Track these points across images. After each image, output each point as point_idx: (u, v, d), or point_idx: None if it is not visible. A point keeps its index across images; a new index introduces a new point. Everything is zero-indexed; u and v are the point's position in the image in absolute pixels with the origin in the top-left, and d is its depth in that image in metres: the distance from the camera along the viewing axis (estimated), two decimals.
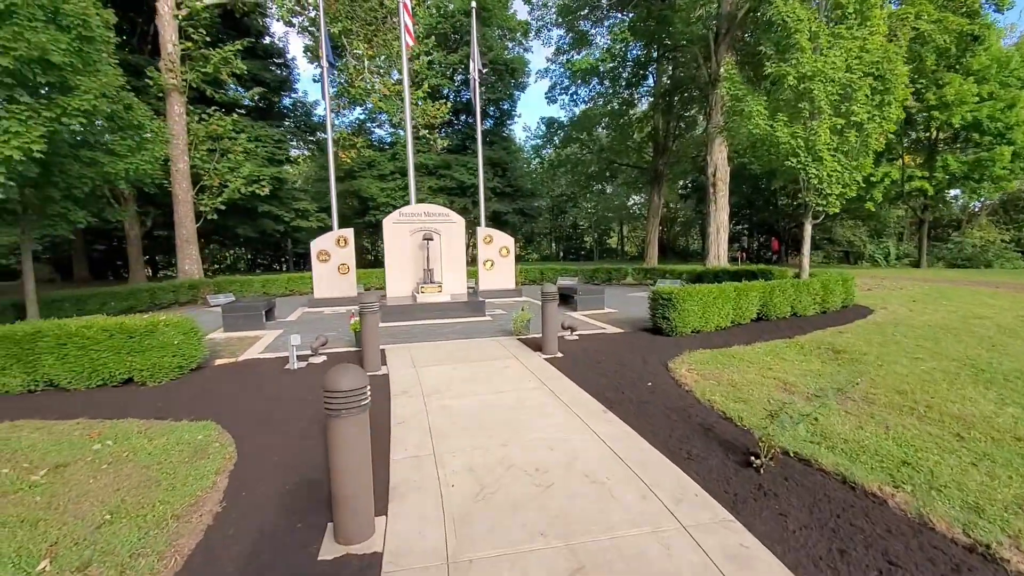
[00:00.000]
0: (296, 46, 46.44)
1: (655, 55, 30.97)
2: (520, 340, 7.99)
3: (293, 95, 30.78)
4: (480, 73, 15.40)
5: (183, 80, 16.80)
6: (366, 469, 2.70)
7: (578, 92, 35.33)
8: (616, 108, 34.60)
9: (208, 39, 17.72)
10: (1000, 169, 23.12)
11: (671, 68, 31.54)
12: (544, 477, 3.39)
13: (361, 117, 33.61)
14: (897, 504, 3.15)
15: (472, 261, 17.27)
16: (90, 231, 24.79)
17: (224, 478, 3.59)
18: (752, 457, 3.62)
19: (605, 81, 33.25)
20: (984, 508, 3.03)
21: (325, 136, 14.70)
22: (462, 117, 33.95)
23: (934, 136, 26.11)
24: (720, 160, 22.00)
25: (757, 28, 20.83)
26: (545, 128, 40.37)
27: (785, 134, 10.76)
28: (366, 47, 19.19)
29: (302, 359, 6.79)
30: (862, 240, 34.08)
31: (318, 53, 14.81)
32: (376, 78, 19.94)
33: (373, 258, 34.99)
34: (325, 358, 7.02)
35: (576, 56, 32.65)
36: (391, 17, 18.82)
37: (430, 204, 14.64)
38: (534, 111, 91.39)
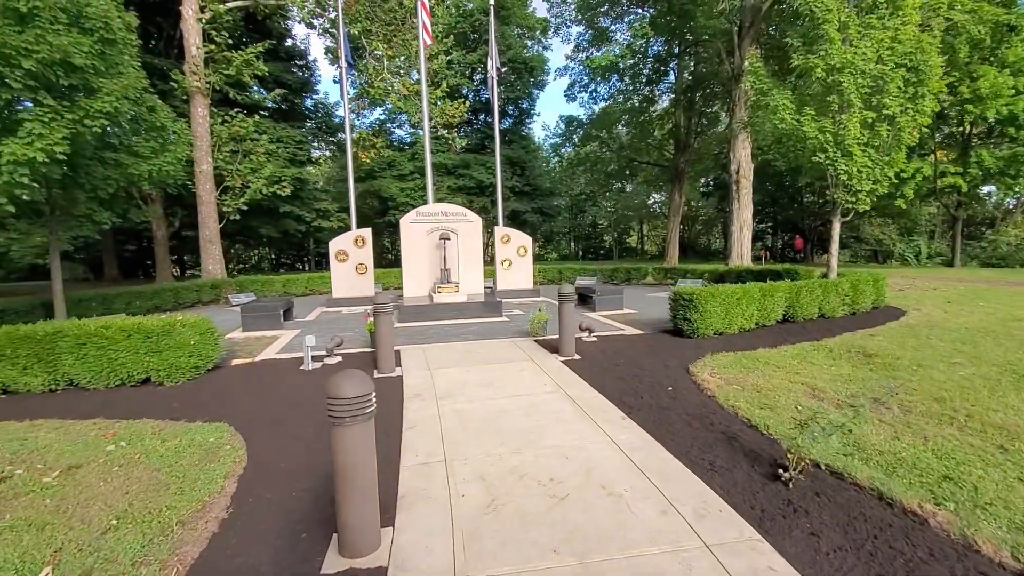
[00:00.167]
0: (317, 48, 47.03)
1: (676, 51, 30.51)
2: (537, 341, 7.85)
3: (314, 96, 31.14)
4: (498, 71, 15.29)
5: (206, 83, 17.07)
6: (371, 480, 2.58)
7: (598, 89, 35.03)
8: (636, 105, 34.16)
9: (231, 41, 17.98)
10: None
11: (693, 64, 31.02)
12: (558, 488, 3.24)
13: (381, 118, 33.90)
14: (939, 524, 2.94)
15: (490, 261, 17.17)
16: (120, 232, 25.43)
17: (233, 482, 3.53)
18: (780, 469, 3.41)
19: (625, 78, 32.85)
20: None
21: (345, 137, 14.75)
22: (481, 116, 33.92)
23: (968, 131, 25.17)
24: (743, 157, 21.52)
25: (783, 21, 20.30)
26: (564, 126, 40.17)
27: (812, 128, 10.40)
28: (385, 47, 19.24)
29: (317, 360, 6.76)
30: (892, 238, 32.97)
31: (338, 54, 14.86)
32: (395, 78, 19.97)
33: (393, 258, 35.13)
34: (340, 359, 6.98)
35: (596, 53, 32.32)
36: (410, 17, 18.82)
37: (447, 203, 14.54)
38: (553, 109, 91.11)
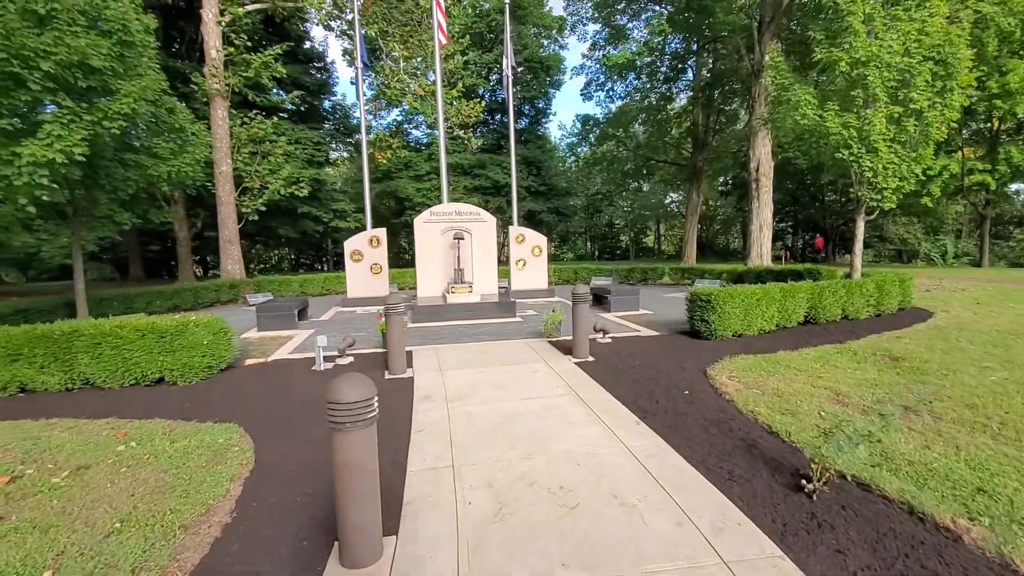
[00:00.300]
0: (335, 50, 47.48)
1: (695, 48, 30.09)
2: (550, 342, 7.73)
3: (332, 98, 31.39)
4: (513, 70, 15.19)
5: (226, 85, 17.29)
6: (373, 488, 2.50)
7: (614, 88, 34.73)
8: (653, 103, 33.79)
9: (249, 44, 18.20)
10: None
11: (711, 61, 30.57)
12: (568, 497, 3.12)
13: (398, 119, 34.06)
14: (974, 540, 2.76)
15: (505, 260, 17.08)
16: (144, 233, 25.91)
17: (239, 485, 3.49)
18: (803, 480, 3.24)
19: (642, 76, 32.53)
20: None
21: (361, 138, 14.81)
22: (497, 116, 33.87)
23: (996, 127, 24.37)
24: (763, 154, 21.10)
25: (804, 15, 19.82)
26: (580, 125, 39.93)
27: (836, 124, 10.08)
28: (402, 48, 19.28)
29: (329, 360, 6.74)
30: (917, 238, 32.03)
31: (354, 56, 14.92)
32: (412, 79, 20.00)
33: (410, 258, 35.20)
34: (352, 359, 6.95)
35: (612, 51, 32.04)
36: (427, 18, 18.82)
37: (461, 203, 14.48)
38: (570, 108, 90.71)
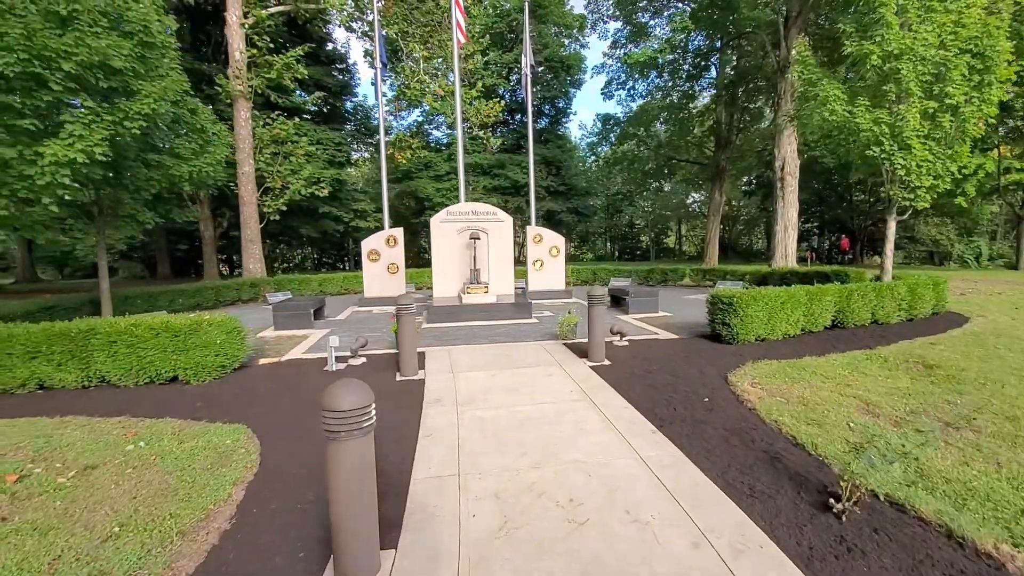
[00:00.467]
0: (357, 52, 47.96)
1: (718, 44, 29.50)
2: (566, 345, 7.57)
3: (354, 99, 31.65)
4: (532, 69, 15.05)
5: (249, 86, 17.52)
6: (370, 500, 2.38)
7: (635, 87, 34.30)
8: (675, 102, 33.24)
9: (272, 46, 18.42)
10: None
11: (735, 58, 29.94)
12: (578, 511, 2.96)
13: (419, 119, 34.20)
14: (1019, 569, 2.54)
15: (523, 261, 16.94)
16: (172, 232, 26.55)
17: (241, 490, 3.42)
18: (831, 499, 3.02)
19: (664, 74, 32.02)
20: None
21: (380, 138, 14.84)
22: (517, 116, 33.77)
23: None
24: (789, 153, 20.54)
25: (833, 8, 19.21)
26: (601, 125, 39.55)
27: (867, 120, 9.68)
28: (422, 49, 19.30)
29: (341, 361, 6.69)
30: (949, 239, 30.76)
31: (374, 56, 14.95)
32: (432, 80, 20.00)
33: (429, 257, 35.31)
34: (364, 360, 6.90)
35: (634, 49, 31.61)
36: (447, 18, 18.80)
37: (478, 203, 14.37)
38: (590, 107, 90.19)
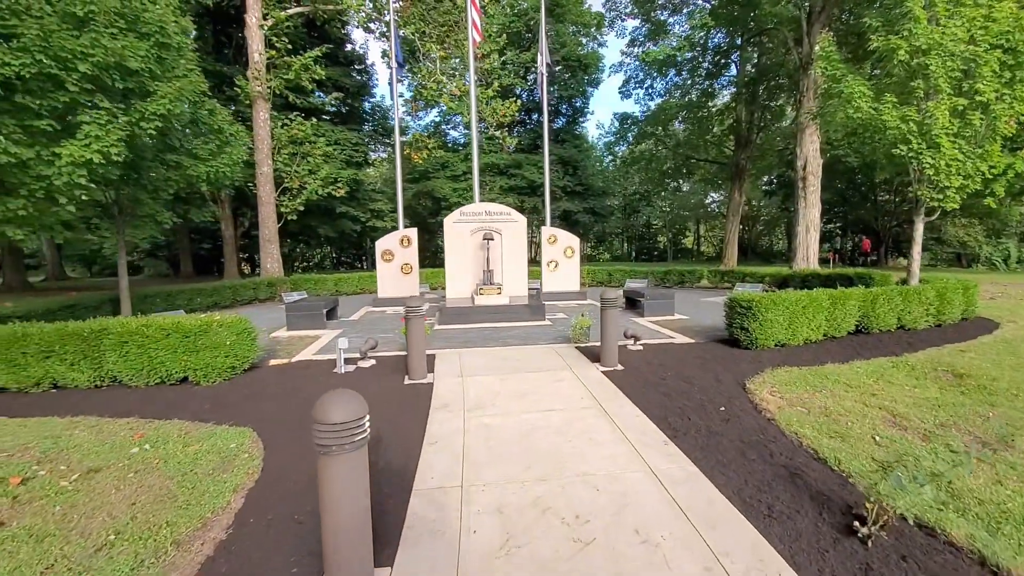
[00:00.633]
0: (375, 52, 48.33)
1: (738, 42, 28.89)
2: (578, 348, 7.41)
3: (372, 100, 31.85)
4: (549, 68, 14.90)
5: (268, 87, 17.68)
6: (363, 518, 2.27)
7: (653, 85, 33.79)
8: (694, 100, 32.67)
9: (291, 47, 18.58)
10: None
11: (756, 55, 29.31)
12: (584, 529, 2.82)
13: (436, 119, 34.30)
14: None
15: (538, 261, 16.78)
16: (195, 231, 27.04)
17: (240, 497, 3.36)
18: (856, 521, 2.82)
19: (683, 72, 31.47)
20: None
21: (396, 138, 14.84)
22: (534, 116, 33.64)
23: None
24: (811, 152, 20.02)
25: (858, 4, 18.65)
26: (618, 124, 39.09)
27: (894, 118, 9.31)
28: (439, 49, 19.28)
29: (350, 363, 6.64)
30: (977, 240, 29.70)
31: (390, 56, 14.97)
32: (449, 80, 19.97)
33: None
34: (374, 362, 6.83)
35: (652, 47, 31.18)
36: (464, 18, 18.77)
37: (492, 203, 14.26)
38: (607, 107, 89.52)
